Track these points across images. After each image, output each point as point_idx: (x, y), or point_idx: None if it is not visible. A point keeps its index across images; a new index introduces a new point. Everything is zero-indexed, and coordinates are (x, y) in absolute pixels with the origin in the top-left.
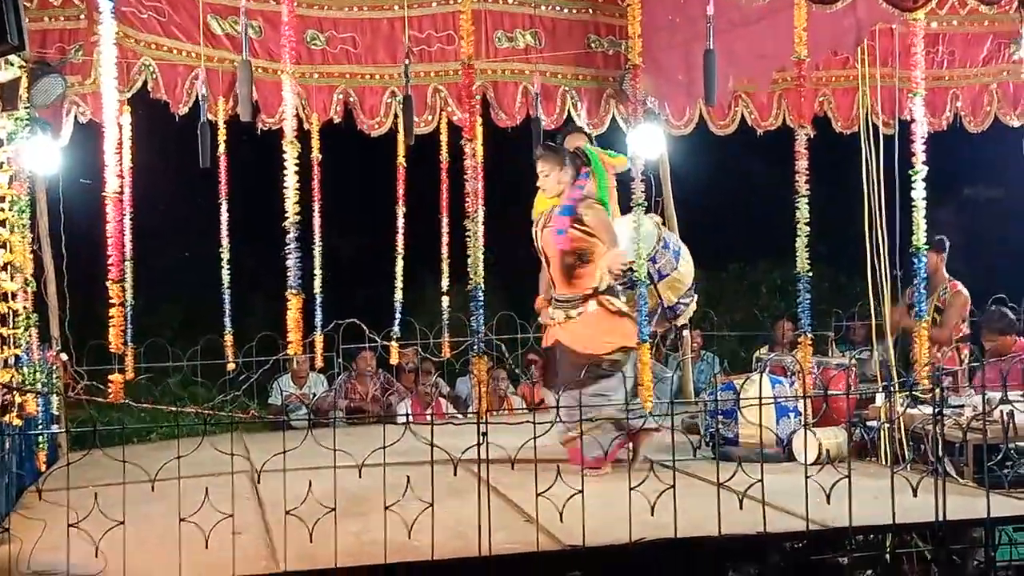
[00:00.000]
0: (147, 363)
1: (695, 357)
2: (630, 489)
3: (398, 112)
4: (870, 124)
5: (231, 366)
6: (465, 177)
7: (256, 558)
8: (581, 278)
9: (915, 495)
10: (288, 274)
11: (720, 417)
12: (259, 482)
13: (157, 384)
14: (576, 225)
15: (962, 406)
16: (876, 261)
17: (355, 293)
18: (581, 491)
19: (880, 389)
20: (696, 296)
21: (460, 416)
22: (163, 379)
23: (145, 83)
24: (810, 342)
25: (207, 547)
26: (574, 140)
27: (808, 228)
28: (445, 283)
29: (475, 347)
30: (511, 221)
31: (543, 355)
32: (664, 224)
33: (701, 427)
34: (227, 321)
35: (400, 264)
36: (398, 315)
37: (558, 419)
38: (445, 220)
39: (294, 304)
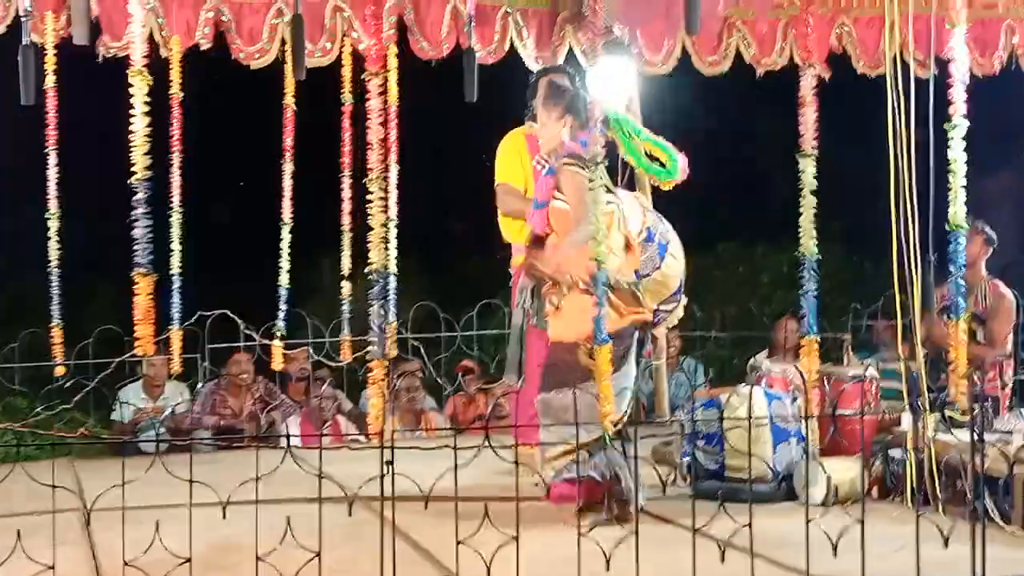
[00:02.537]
0: None
1: (671, 364)
2: (579, 536)
3: (286, 37)
4: (900, 65)
5: (60, 370)
6: (368, 124)
7: None
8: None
9: (946, 545)
10: (134, 248)
11: (700, 443)
12: (89, 524)
13: None
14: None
15: (1010, 432)
16: (904, 243)
17: (227, 276)
18: (516, 537)
19: (906, 409)
20: (683, 300)
21: (364, 439)
22: None
23: None
24: (816, 346)
25: None
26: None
27: (815, 198)
28: (347, 264)
29: (375, 347)
30: (437, 183)
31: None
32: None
33: (676, 455)
34: (55, 310)
35: (287, 238)
36: (284, 306)
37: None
38: (347, 181)
39: (143, 287)
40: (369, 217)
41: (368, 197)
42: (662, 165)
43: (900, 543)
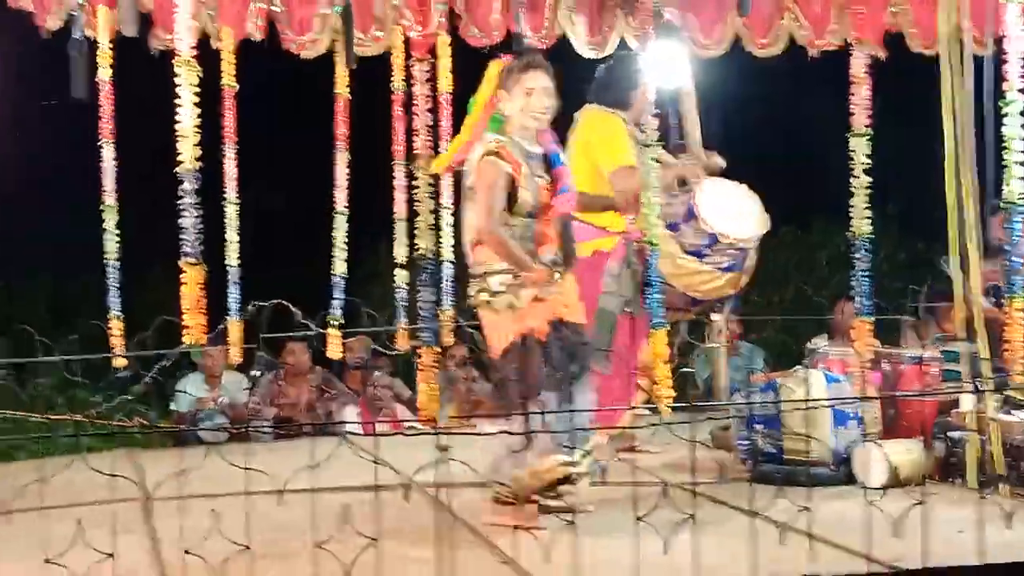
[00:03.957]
0: (7, 358)
1: (730, 349)
2: (637, 519)
3: (336, 27)
4: (956, 43)
5: (120, 361)
6: (415, 110)
7: None
8: None
9: (1009, 527)
10: (183, 238)
11: (758, 427)
12: (151, 512)
13: (23, 385)
14: None
15: None
16: (961, 223)
17: (284, 265)
18: (572, 522)
19: (967, 389)
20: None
21: (421, 426)
22: (32, 379)
23: None
24: (870, 327)
25: None
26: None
27: (869, 178)
28: (401, 252)
29: (424, 334)
30: None
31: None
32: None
33: (734, 440)
34: (114, 302)
35: (342, 227)
36: (339, 295)
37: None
38: (400, 169)
39: (191, 277)
40: (417, 203)
41: (413, 183)
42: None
43: (962, 525)
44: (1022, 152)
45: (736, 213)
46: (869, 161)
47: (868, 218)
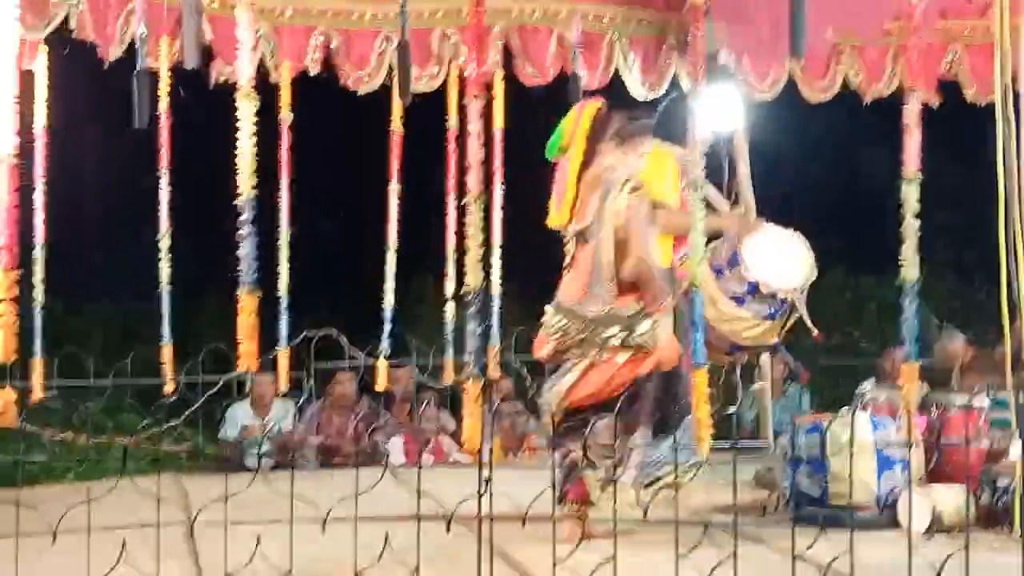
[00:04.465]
0: (60, 379)
1: (776, 391)
2: (677, 557)
3: (393, 63)
4: (1010, 91)
5: (170, 387)
6: (466, 146)
7: None
8: None
9: None
10: (240, 268)
11: (803, 468)
12: (193, 536)
13: (74, 408)
14: None
15: None
16: (1013, 270)
17: (335, 296)
18: (614, 558)
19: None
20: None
21: (464, 458)
22: (82, 401)
23: (67, 18)
24: (918, 373)
25: None
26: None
27: (919, 221)
28: (450, 286)
29: (469, 368)
30: (545, 209)
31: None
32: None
33: (779, 480)
34: (166, 329)
35: (392, 259)
36: (388, 326)
37: None
38: (452, 204)
39: (247, 306)
40: (467, 239)
41: (463, 219)
42: None
43: (1006, 572)
44: None
45: (781, 262)
46: (919, 206)
47: (916, 264)
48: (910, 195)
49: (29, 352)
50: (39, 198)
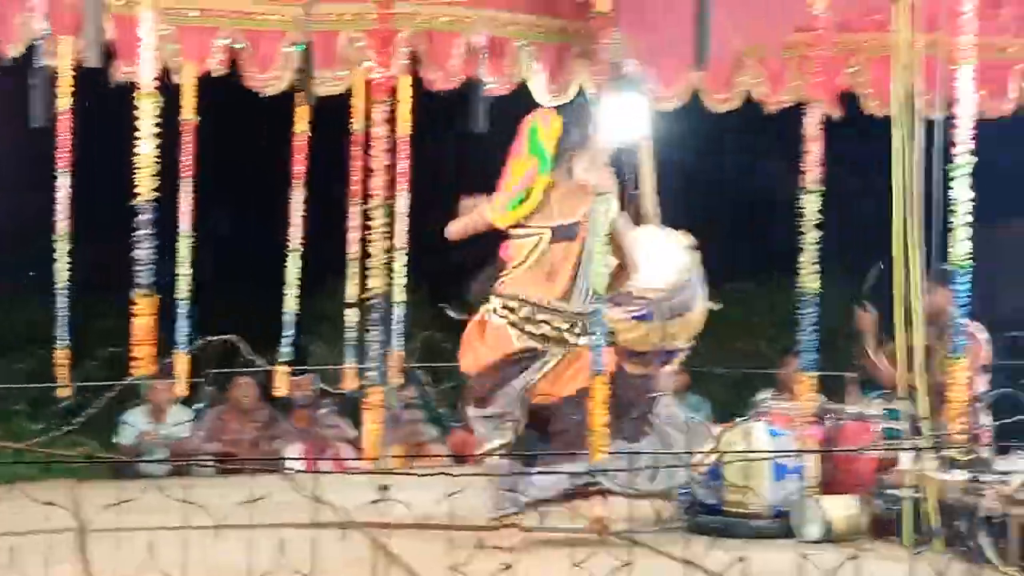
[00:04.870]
0: None
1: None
2: (573, 566)
3: (299, 65)
4: (909, 105)
5: (64, 391)
6: (371, 150)
7: None
8: None
9: None
10: (137, 269)
11: (698, 477)
12: (85, 544)
13: None
14: None
15: (1008, 473)
16: (907, 282)
17: (234, 301)
18: (509, 566)
19: (907, 447)
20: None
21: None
22: None
23: None
24: (812, 383)
25: None
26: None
27: (818, 233)
28: (353, 292)
29: (369, 374)
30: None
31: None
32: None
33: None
34: (61, 332)
35: (295, 264)
36: (289, 332)
37: None
38: (355, 209)
39: (143, 309)
40: (370, 244)
41: (367, 223)
42: None
43: None
44: (969, 215)
45: (648, 261)
46: (820, 217)
47: (815, 274)
48: (810, 206)
49: None
50: None
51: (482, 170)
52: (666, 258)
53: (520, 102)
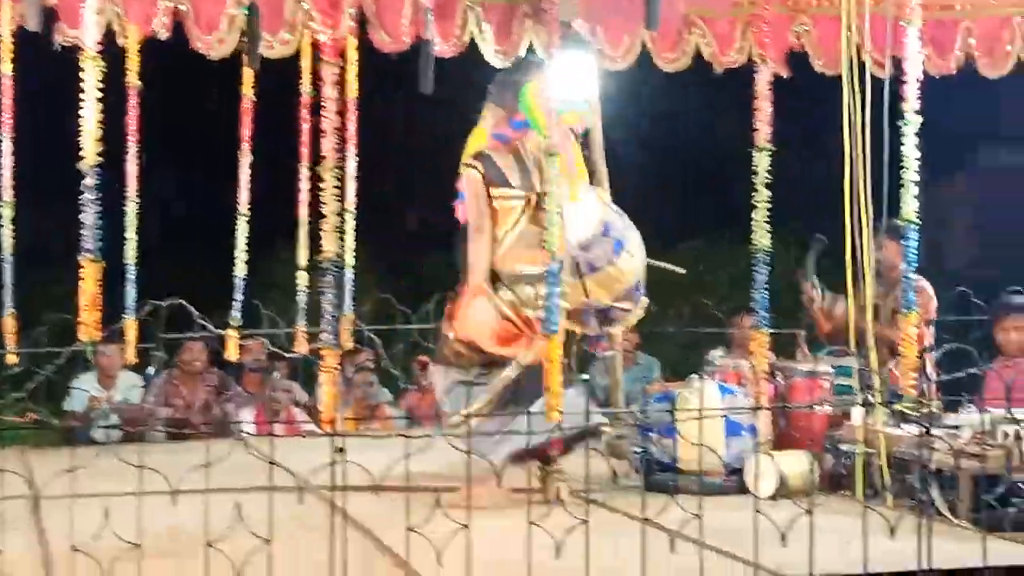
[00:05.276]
0: None
1: (627, 360)
2: (530, 524)
3: (244, 28)
4: (857, 64)
5: (12, 358)
6: (323, 113)
7: None
8: None
9: (893, 536)
10: (82, 235)
11: (653, 436)
12: (38, 510)
13: None
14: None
15: (958, 427)
16: (857, 240)
17: (184, 266)
18: (466, 526)
19: (858, 403)
20: (644, 301)
21: (318, 430)
22: None
23: None
24: (766, 341)
25: None
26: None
27: (769, 192)
28: (303, 255)
29: (327, 336)
30: (400, 177)
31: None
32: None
33: (629, 448)
34: (7, 298)
35: (244, 227)
36: (239, 296)
37: None
38: (305, 172)
39: (89, 274)
40: (323, 206)
41: (319, 186)
42: None
43: (847, 535)
44: (918, 172)
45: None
46: (770, 176)
47: (768, 232)
48: (761, 164)
49: None
50: None
51: (430, 131)
52: (575, 214)
53: (468, 64)
